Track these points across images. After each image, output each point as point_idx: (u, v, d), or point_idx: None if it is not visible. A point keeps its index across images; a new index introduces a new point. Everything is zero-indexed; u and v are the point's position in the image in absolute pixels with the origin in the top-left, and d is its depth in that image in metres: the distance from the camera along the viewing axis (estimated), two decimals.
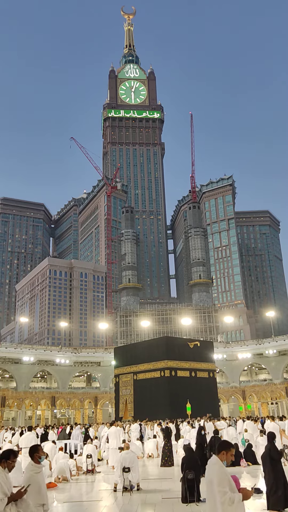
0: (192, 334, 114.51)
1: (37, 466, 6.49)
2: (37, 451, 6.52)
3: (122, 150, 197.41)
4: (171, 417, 28.94)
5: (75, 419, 66.11)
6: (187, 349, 40.33)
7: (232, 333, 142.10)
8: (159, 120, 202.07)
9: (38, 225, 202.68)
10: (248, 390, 68.58)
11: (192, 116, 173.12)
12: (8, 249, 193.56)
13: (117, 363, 44.13)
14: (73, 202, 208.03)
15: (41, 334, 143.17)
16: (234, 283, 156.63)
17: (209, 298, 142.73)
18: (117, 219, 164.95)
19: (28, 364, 70.03)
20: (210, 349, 44.49)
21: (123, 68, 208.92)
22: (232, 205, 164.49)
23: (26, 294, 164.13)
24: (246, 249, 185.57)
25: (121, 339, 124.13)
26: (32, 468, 6.49)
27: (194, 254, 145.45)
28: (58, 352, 75.40)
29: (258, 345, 75.26)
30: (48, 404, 65.69)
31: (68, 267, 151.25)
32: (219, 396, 54.22)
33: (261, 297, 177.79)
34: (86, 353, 77.47)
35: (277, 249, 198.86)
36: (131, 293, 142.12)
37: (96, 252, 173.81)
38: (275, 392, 65.73)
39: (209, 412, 33.55)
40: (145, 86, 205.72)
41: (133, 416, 36.36)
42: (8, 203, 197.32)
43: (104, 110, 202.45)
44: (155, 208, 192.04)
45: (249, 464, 17.92)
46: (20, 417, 64.83)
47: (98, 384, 76.89)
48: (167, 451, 19.00)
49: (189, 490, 11.31)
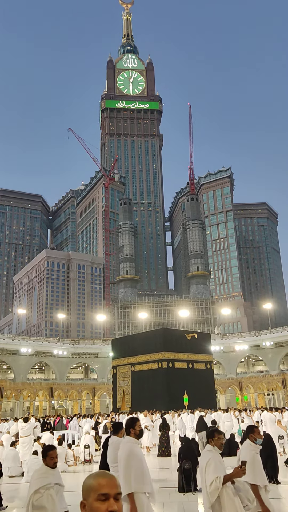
0: (190, 326, 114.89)
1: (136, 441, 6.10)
2: (134, 425, 6.06)
3: (120, 142, 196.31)
4: (168, 408, 29.15)
5: (73, 410, 66.59)
6: (185, 341, 40.50)
7: (229, 325, 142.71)
8: (158, 111, 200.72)
9: (35, 217, 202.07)
10: (245, 382, 69.09)
11: (190, 107, 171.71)
12: (6, 241, 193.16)
13: (115, 354, 44.30)
14: (70, 194, 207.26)
15: (39, 326, 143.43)
16: (232, 275, 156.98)
17: (206, 290, 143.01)
18: (115, 211, 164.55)
19: (26, 355, 70.25)
20: (208, 341, 44.67)
21: (121, 58, 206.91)
22: (230, 197, 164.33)
23: (23, 286, 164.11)
24: (244, 241, 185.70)
25: (118, 330, 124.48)
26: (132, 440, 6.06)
27: (192, 246, 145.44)
28: (56, 343, 75.65)
29: (255, 337, 75.64)
30: (46, 395, 66.08)
31: (66, 259, 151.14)
32: (216, 387, 54.61)
33: (258, 289, 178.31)
34: (83, 345, 77.73)
35: (275, 242, 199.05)
36: (128, 285, 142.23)
37: (94, 244, 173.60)
38: (272, 383, 66.28)
39: (206, 403, 33.86)
40: (143, 76, 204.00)
41: (131, 407, 36.59)
42: (5, 194, 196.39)
43: (102, 101, 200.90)
44: (153, 200, 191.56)
45: None
46: (18, 408, 65.20)
47: (95, 376, 77.26)
48: (164, 442, 19.19)
49: (185, 480, 11.44)
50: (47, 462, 5.74)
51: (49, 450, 5.82)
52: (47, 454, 5.80)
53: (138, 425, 5.94)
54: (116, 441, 7.43)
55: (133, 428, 5.89)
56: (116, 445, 7.23)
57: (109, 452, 7.29)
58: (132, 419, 6.04)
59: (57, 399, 67.76)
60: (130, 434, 5.90)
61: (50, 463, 5.76)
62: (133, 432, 5.87)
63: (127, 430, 5.93)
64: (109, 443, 7.39)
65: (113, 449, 7.17)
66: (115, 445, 7.24)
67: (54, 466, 5.81)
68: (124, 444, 5.75)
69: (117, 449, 7.10)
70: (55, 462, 5.81)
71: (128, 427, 5.92)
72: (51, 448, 5.87)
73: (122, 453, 5.60)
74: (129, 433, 5.91)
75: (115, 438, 7.63)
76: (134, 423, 5.93)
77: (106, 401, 68.91)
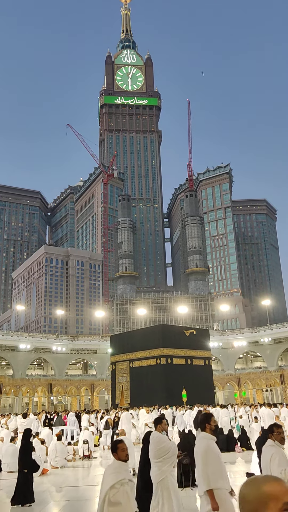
0: (188, 322, 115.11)
1: None
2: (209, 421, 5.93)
3: (119, 138, 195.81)
4: (167, 404, 29.21)
5: (71, 406, 66.73)
6: (183, 337, 40.55)
7: (228, 321, 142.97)
8: (156, 107, 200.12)
9: (34, 213, 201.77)
10: (243, 378, 69.33)
11: (189, 103, 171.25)
12: (4, 237, 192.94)
13: (114, 350, 44.35)
14: (69, 190, 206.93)
15: (37, 322, 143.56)
16: (231, 271, 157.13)
17: (205, 286, 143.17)
18: (113, 207, 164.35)
19: (24, 351, 70.33)
20: (206, 337, 44.74)
21: (120, 53, 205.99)
22: (229, 193, 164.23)
23: (22, 282, 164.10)
24: (242, 237, 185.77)
25: (117, 327, 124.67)
26: None
27: (191, 242, 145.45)
28: (54, 340, 75.72)
29: (254, 333, 75.80)
30: (45, 391, 66.23)
31: (65, 255, 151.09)
32: (215, 383, 54.78)
33: (257, 286, 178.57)
34: (82, 341, 77.83)
35: (274, 238, 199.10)
36: (127, 281, 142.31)
37: (92, 240, 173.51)
38: (270, 379, 66.53)
39: (204, 399, 33.99)
40: (142, 72, 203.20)
41: (129, 403, 36.69)
42: (3, 190, 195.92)
43: (100, 96, 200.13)
44: (152, 196, 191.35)
45: (243, 450, 18.20)
46: (17, 404, 65.35)
47: (94, 372, 77.42)
48: None
49: (184, 475, 11.50)
50: (119, 455, 5.59)
51: (118, 442, 5.69)
52: (117, 447, 5.65)
53: (213, 420, 5.88)
54: (157, 436, 7.40)
55: (208, 423, 5.81)
56: (157, 440, 7.23)
57: (151, 447, 7.26)
58: (207, 415, 5.95)
59: (56, 395, 67.93)
60: (205, 429, 5.80)
61: (123, 455, 5.61)
62: (209, 428, 5.79)
63: (203, 425, 5.84)
64: (150, 438, 7.37)
65: (154, 444, 7.15)
66: (157, 440, 7.23)
67: (127, 458, 5.69)
68: (200, 440, 5.71)
69: (158, 444, 7.15)
70: (127, 454, 5.69)
71: (204, 423, 5.82)
72: (120, 441, 5.76)
73: (199, 449, 5.56)
74: (204, 428, 5.81)
75: (156, 433, 7.62)
76: (209, 419, 5.84)
77: (105, 397, 69.08)
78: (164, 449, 7.14)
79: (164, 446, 7.19)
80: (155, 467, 6.94)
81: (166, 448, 7.18)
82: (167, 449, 7.17)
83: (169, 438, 20.32)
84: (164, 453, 7.08)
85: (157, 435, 7.48)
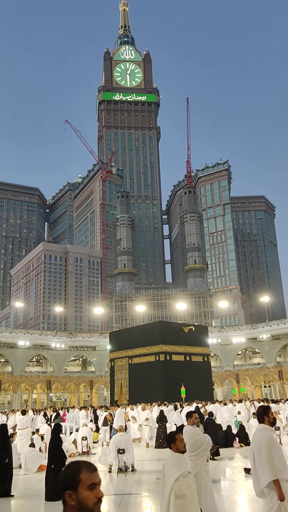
0: (187, 319, 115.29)
1: None
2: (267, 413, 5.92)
3: (118, 134, 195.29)
4: (165, 400, 29.29)
5: (70, 402, 66.87)
6: (182, 334, 40.61)
7: (226, 318, 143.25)
8: (155, 104, 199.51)
9: (32, 210, 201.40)
10: (241, 374, 69.55)
11: (188, 99, 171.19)
12: (3, 234, 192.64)
13: (112, 347, 44.40)
14: (68, 187, 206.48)
15: (36, 319, 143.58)
16: (229, 268, 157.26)
17: (204, 283, 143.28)
18: (112, 204, 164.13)
19: (23, 348, 70.38)
20: (205, 333, 44.82)
21: (118, 49, 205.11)
22: (228, 190, 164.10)
23: (21, 279, 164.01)
24: (241, 234, 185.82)
25: (116, 323, 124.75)
26: None
27: (189, 239, 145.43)
28: (53, 336, 75.77)
29: (252, 330, 75.97)
30: (44, 388, 66.32)
31: (63, 252, 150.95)
32: (213, 379, 54.89)
33: (255, 283, 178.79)
34: (81, 338, 77.91)
35: (272, 235, 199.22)
36: (126, 278, 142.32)
37: (91, 237, 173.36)
38: (268, 375, 66.76)
39: (203, 396, 34.06)
40: (140, 68, 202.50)
41: (128, 400, 36.77)
42: (2, 187, 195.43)
43: (99, 93, 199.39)
44: (151, 193, 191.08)
45: (242, 445, 18.29)
46: (16, 401, 65.47)
47: (93, 368, 77.54)
48: (161, 433, 19.33)
49: None
50: (178, 446, 5.54)
51: (176, 433, 5.65)
52: (175, 438, 5.59)
53: (271, 413, 5.94)
54: (190, 429, 7.42)
55: (267, 415, 5.86)
56: (191, 433, 7.28)
57: (185, 441, 7.34)
58: (265, 407, 6.00)
59: (55, 392, 68.05)
60: (264, 421, 5.85)
61: (181, 446, 5.57)
62: (267, 420, 5.84)
63: (261, 418, 5.90)
64: (183, 432, 7.38)
65: (188, 437, 7.17)
66: (191, 434, 7.27)
67: (185, 449, 5.67)
68: (261, 432, 5.74)
69: (192, 437, 7.20)
70: (185, 445, 5.68)
71: (262, 415, 5.88)
72: (177, 432, 5.74)
73: (262, 441, 5.57)
74: (262, 421, 5.86)
75: (189, 427, 7.66)
76: (268, 411, 5.90)
77: (104, 394, 69.23)
78: (198, 442, 7.19)
79: (198, 439, 7.25)
80: (190, 461, 6.84)
81: (200, 441, 7.23)
82: (201, 442, 7.22)
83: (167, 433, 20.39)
84: (198, 446, 7.13)
85: (189, 428, 7.51)
